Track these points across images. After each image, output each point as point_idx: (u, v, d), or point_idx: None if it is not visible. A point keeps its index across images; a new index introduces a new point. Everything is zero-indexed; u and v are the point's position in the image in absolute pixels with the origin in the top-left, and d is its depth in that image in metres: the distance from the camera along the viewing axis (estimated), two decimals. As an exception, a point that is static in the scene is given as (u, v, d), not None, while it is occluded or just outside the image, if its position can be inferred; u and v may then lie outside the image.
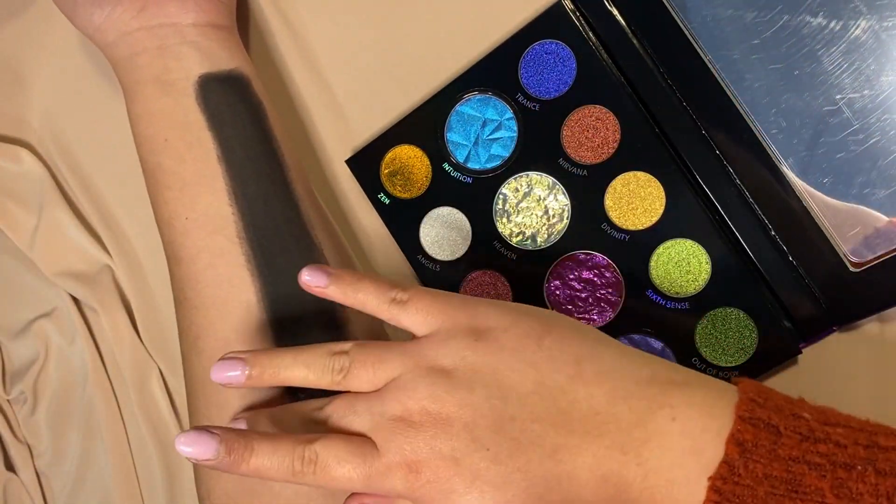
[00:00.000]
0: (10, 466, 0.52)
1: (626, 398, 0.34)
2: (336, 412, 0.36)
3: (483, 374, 0.35)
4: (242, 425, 0.37)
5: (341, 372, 0.37)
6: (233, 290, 0.41)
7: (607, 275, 0.46)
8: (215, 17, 0.44)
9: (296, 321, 0.41)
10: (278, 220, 0.42)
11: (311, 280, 0.38)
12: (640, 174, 0.45)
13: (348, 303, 0.38)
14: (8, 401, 0.52)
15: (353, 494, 0.37)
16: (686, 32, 0.44)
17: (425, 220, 0.48)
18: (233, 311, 0.41)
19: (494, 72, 0.47)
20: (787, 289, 0.44)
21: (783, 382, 0.45)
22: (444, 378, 0.35)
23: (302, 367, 0.37)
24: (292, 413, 0.38)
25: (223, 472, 0.36)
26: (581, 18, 0.46)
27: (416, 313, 0.37)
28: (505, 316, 0.37)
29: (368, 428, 0.35)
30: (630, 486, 0.34)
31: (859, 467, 0.31)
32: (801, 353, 0.45)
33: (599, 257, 0.46)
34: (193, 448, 0.34)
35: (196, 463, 0.35)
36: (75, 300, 0.52)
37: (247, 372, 0.37)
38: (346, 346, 0.37)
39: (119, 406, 0.51)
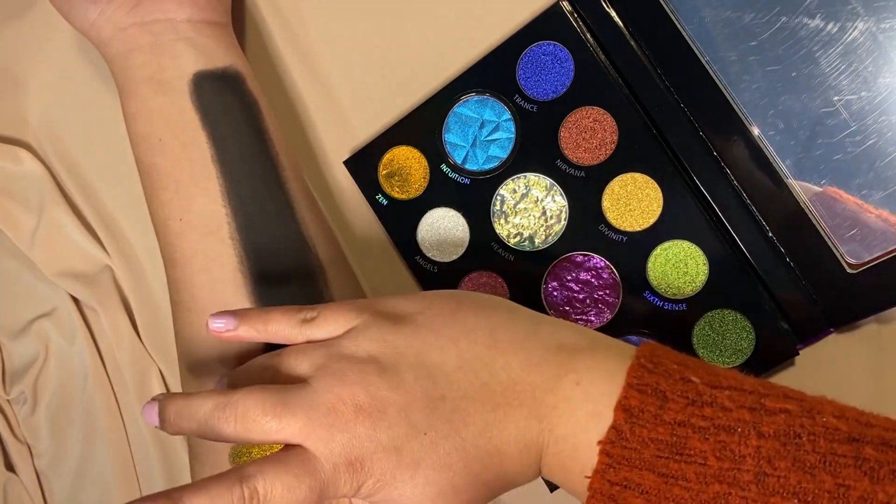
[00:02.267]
0: (10, 466, 0.52)
1: (538, 365, 0.35)
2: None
3: (407, 356, 0.35)
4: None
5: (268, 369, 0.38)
6: (226, 293, 0.41)
7: (605, 276, 0.46)
8: (210, 13, 0.44)
9: None
10: (271, 220, 0.42)
11: (219, 326, 0.38)
12: (638, 175, 0.45)
13: (261, 338, 0.38)
14: (8, 401, 0.52)
15: None
16: (684, 34, 0.44)
17: (423, 221, 0.48)
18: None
19: (492, 73, 0.47)
20: (785, 290, 0.44)
21: (781, 383, 0.45)
22: (371, 363, 0.35)
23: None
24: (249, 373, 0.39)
25: None
26: (579, 20, 0.46)
27: (327, 322, 0.37)
28: (416, 301, 0.38)
29: (301, 427, 0.34)
30: (545, 453, 0.35)
31: (740, 430, 0.31)
32: (798, 354, 0.45)
33: (597, 259, 0.46)
34: None
35: None
36: (75, 300, 0.52)
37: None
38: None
39: (119, 406, 0.52)
